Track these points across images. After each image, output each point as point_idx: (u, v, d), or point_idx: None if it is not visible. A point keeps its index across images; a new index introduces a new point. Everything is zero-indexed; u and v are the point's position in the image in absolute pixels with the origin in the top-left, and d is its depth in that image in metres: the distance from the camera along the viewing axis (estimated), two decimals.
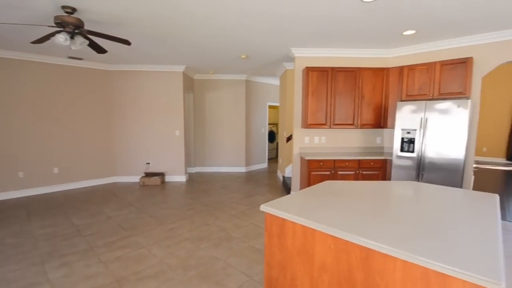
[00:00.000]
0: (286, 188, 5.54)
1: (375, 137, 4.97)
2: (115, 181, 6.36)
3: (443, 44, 4.18)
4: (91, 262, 2.80)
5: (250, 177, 6.87)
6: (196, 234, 3.49)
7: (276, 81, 8.17)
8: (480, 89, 3.93)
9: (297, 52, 4.64)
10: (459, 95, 3.83)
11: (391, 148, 4.83)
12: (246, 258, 2.89)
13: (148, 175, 6.21)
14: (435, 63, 4.01)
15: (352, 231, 1.39)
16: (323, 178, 4.30)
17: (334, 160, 4.31)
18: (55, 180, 5.53)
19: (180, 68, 6.10)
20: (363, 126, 4.59)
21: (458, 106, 3.57)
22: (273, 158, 9.76)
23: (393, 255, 1.20)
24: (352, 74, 4.50)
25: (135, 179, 6.39)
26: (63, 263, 2.77)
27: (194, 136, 7.42)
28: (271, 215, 1.79)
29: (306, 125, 4.52)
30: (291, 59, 5.31)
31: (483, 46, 3.89)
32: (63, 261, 2.82)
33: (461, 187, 3.65)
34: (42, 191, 5.37)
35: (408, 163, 4.03)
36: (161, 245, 3.17)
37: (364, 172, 4.37)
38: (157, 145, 6.32)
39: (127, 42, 3.47)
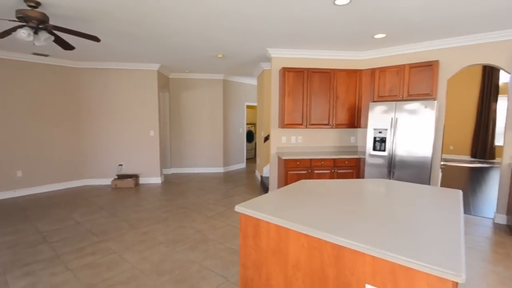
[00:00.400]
0: (264, 188, 5.56)
1: (350, 136, 5.12)
2: (85, 184, 6.05)
3: (412, 48, 4.39)
4: (58, 270, 2.63)
5: (228, 178, 6.82)
6: (171, 237, 3.40)
7: (253, 81, 8.18)
8: (446, 91, 4.17)
9: (274, 52, 4.67)
10: (427, 96, 4.03)
11: (365, 147, 5.00)
12: (223, 260, 2.85)
13: (121, 177, 5.96)
14: (404, 65, 4.20)
15: (324, 229, 1.41)
16: (300, 177, 4.36)
17: (310, 160, 4.38)
18: (19, 184, 5.15)
19: (155, 67, 5.92)
20: (338, 126, 4.71)
21: (426, 107, 3.77)
22: (252, 158, 9.77)
23: (362, 251, 1.23)
24: (327, 75, 4.60)
25: (107, 181, 6.12)
26: (27, 273, 2.58)
27: (170, 136, 7.24)
28: (246, 215, 1.78)
29: (283, 125, 4.56)
30: (268, 59, 5.34)
31: (448, 50, 4.14)
32: (27, 270, 2.63)
33: (429, 183, 3.85)
34: (4, 196, 4.99)
35: (380, 161, 4.19)
36: (133, 250, 3.05)
37: (339, 171, 4.48)
38: (131, 146, 6.09)
39: (96, 39, 3.31)
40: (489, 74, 8.75)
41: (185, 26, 3.54)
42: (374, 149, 4.22)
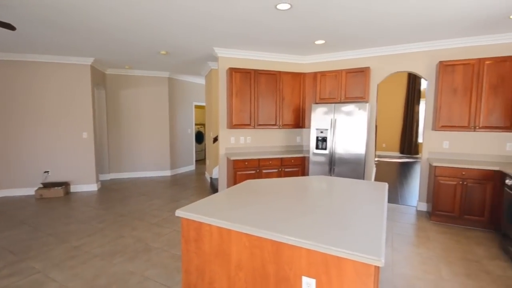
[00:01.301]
0: (213, 189, 5.45)
1: (296, 136, 5.34)
2: (3, 195, 5.16)
3: (348, 55, 4.77)
4: None
5: (175, 181, 6.52)
6: (108, 249, 3.08)
7: (202, 80, 7.99)
8: (377, 94, 4.63)
9: (221, 52, 4.62)
10: (360, 99, 4.42)
11: (309, 146, 5.25)
12: (167, 268, 2.69)
13: (47, 186, 5.24)
14: (341, 70, 4.54)
15: (264, 227, 1.44)
16: (248, 177, 4.38)
17: (259, 159, 4.43)
18: None
19: (87, 61, 5.34)
20: (284, 126, 4.87)
21: (359, 109, 4.12)
22: (202, 160, 9.52)
23: (299, 246, 1.29)
24: (273, 77, 4.73)
25: (30, 191, 5.31)
26: None
27: (108, 138, 6.61)
28: (188, 219, 1.72)
29: (231, 125, 4.53)
30: (216, 58, 5.26)
31: (378, 58, 4.60)
32: None
33: (363, 178, 4.21)
34: None
35: (322, 159, 4.45)
36: (62, 267, 2.68)
37: (286, 170, 4.62)
38: (59, 150, 5.38)
39: (10, 27, 2.84)
40: (413, 81, 10.04)
41: (122, 20, 3.26)
42: (317, 148, 4.47)
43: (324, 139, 4.41)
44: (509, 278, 2.50)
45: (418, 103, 10.12)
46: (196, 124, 9.45)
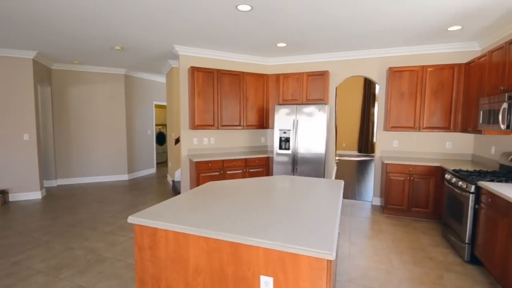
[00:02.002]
0: (176, 193, 5.25)
1: (260, 136, 5.38)
2: None
3: (309, 58, 4.94)
4: None
5: (134, 185, 6.16)
6: (53, 263, 2.79)
7: (163, 79, 7.67)
8: (336, 97, 4.86)
9: (181, 50, 4.47)
10: (320, 101, 4.60)
11: (273, 146, 5.34)
12: (121, 278, 2.51)
13: None
14: (303, 73, 4.68)
15: (222, 229, 1.42)
16: (212, 179, 4.29)
17: (223, 161, 4.38)
18: None
19: (29, 54, 4.80)
20: (249, 127, 4.87)
21: (319, 110, 4.28)
22: (164, 162, 9.14)
23: (257, 245, 1.29)
24: (237, 78, 4.71)
25: None
26: None
27: (54, 140, 6.00)
28: (141, 226, 1.63)
29: (194, 126, 4.41)
30: (177, 56, 5.08)
31: (336, 63, 4.83)
32: None
33: (324, 176, 4.38)
34: None
35: (285, 159, 4.54)
36: None
37: (250, 170, 4.63)
38: None
39: None
40: (369, 85, 10.75)
41: (67, 10, 2.98)
42: (280, 148, 4.55)
43: (287, 140, 4.50)
44: (450, 263, 2.77)
45: (373, 105, 10.87)
46: (157, 125, 9.04)
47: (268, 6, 2.88)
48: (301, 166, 4.47)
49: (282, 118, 4.51)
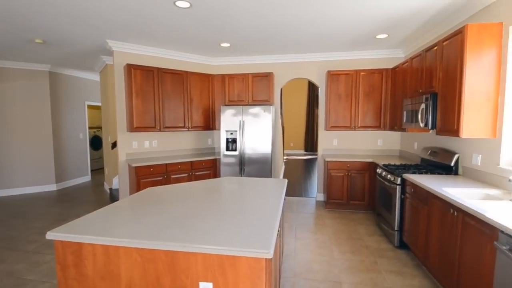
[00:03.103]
0: (114, 202, 4.78)
1: (207, 138, 5.24)
2: None
3: (254, 59, 4.99)
4: None
5: (64, 196, 5.44)
6: None
7: (96, 77, 6.96)
8: (281, 98, 5.00)
9: (116, 46, 4.10)
10: (266, 102, 4.68)
11: (220, 147, 5.25)
12: None
13: None
14: (248, 74, 4.71)
15: (158, 237, 1.34)
16: (155, 185, 4.02)
17: (166, 164, 4.14)
18: None
19: None
20: (194, 128, 4.70)
21: (265, 111, 4.35)
22: (100, 169, 8.30)
23: (194, 251, 1.25)
24: (180, 77, 4.50)
25: None
26: None
27: None
28: (63, 242, 1.44)
29: (133, 128, 4.07)
30: (111, 52, 4.64)
31: (280, 65, 4.97)
32: None
33: (271, 176, 4.46)
34: None
35: (233, 160, 4.50)
36: None
37: (197, 173, 4.47)
38: None
39: None
40: (312, 86, 11.37)
41: None
42: (227, 149, 4.49)
43: (234, 141, 4.47)
44: (382, 250, 3.05)
45: (317, 106, 11.54)
46: (91, 128, 8.16)
47: (208, 5, 2.80)
48: (248, 166, 4.48)
49: (228, 119, 4.46)
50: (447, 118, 2.62)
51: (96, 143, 8.30)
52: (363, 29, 3.52)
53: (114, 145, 5.34)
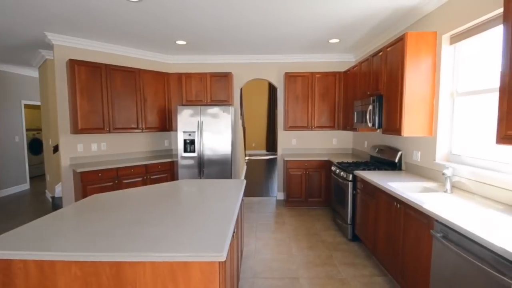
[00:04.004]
0: None
1: (163, 140, 5.00)
2: None
3: (213, 59, 4.90)
4: None
5: None
6: None
7: (34, 73, 6.22)
8: (241, 98, 4.98)
9: (56, 39, 3.70)
10: (225, 102, 4.63)
11: (177, 149, 5.05)
12: None
13: None
14: (206, 74, 4.60)
15: (100, 249, 1.22)
16: (104, 191, 3.71)
17: (117, 169, 3.85)
18: None
19: None
20: (148, 129, 4.45)
21: (224, 111, 4.30)
22: (41, 175, 7.44)
23: (142, 261, 1.17)
24: (132, 75, 4.23)
25: None
26: None
27: None
28: None
29: (77, 130, 3.71)
30: (51, 46, 4.18)
31: (239, 65, 4.95)
32: None
33: (231, 177, 4.42)
34: None
35: (191, 162, 4.36)
36: None
37: (152, 177, 4.24)
38: None
39: None
40: (273, 87, 11.57)
41: None
42: (185, 151, 4.34)
43: (192, 142, 4.33)
44: (337, 243, 3.20)
45: (277, 107, 11.79)
46: (29, 130, 7.27)
47: (159, 1, 2.67)
48: (208, 168, 4.38)
49: (186, 120, 4.31)
50: (391, 118, 2.85)
51: (35, 146, 7.42)
52: (316, 33, 3.67)
53: (56, 148, 4.82)
